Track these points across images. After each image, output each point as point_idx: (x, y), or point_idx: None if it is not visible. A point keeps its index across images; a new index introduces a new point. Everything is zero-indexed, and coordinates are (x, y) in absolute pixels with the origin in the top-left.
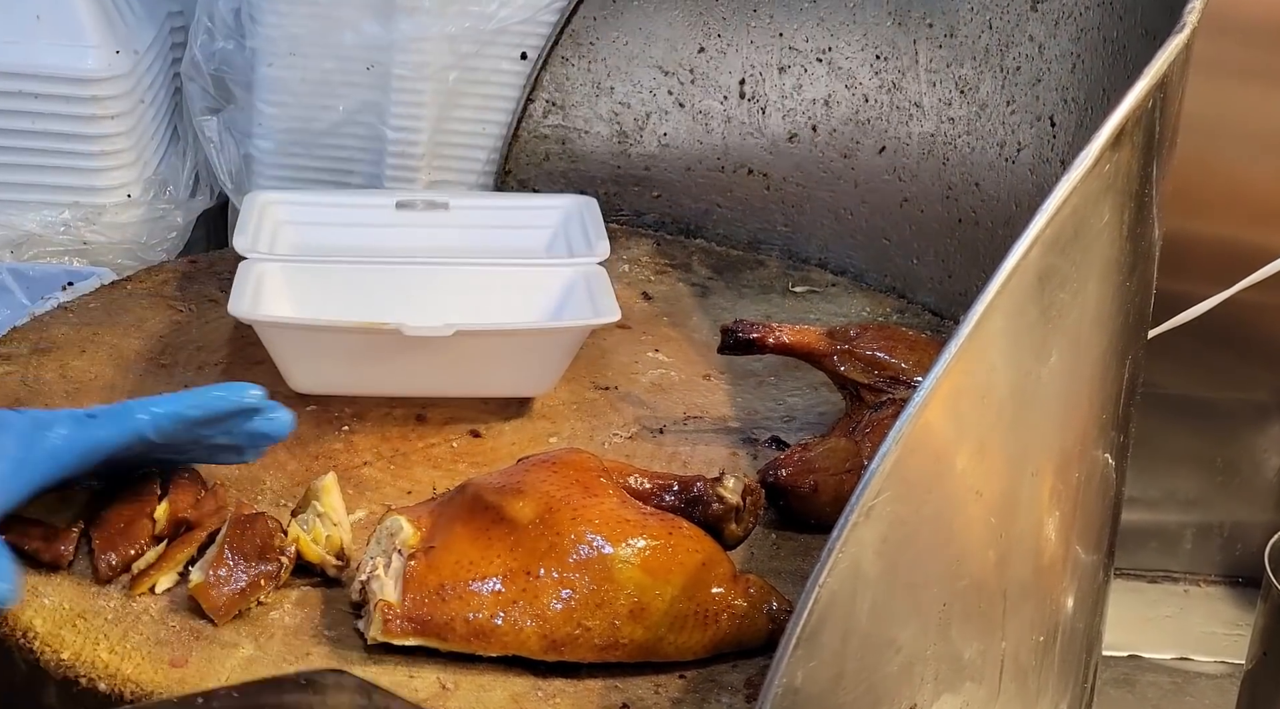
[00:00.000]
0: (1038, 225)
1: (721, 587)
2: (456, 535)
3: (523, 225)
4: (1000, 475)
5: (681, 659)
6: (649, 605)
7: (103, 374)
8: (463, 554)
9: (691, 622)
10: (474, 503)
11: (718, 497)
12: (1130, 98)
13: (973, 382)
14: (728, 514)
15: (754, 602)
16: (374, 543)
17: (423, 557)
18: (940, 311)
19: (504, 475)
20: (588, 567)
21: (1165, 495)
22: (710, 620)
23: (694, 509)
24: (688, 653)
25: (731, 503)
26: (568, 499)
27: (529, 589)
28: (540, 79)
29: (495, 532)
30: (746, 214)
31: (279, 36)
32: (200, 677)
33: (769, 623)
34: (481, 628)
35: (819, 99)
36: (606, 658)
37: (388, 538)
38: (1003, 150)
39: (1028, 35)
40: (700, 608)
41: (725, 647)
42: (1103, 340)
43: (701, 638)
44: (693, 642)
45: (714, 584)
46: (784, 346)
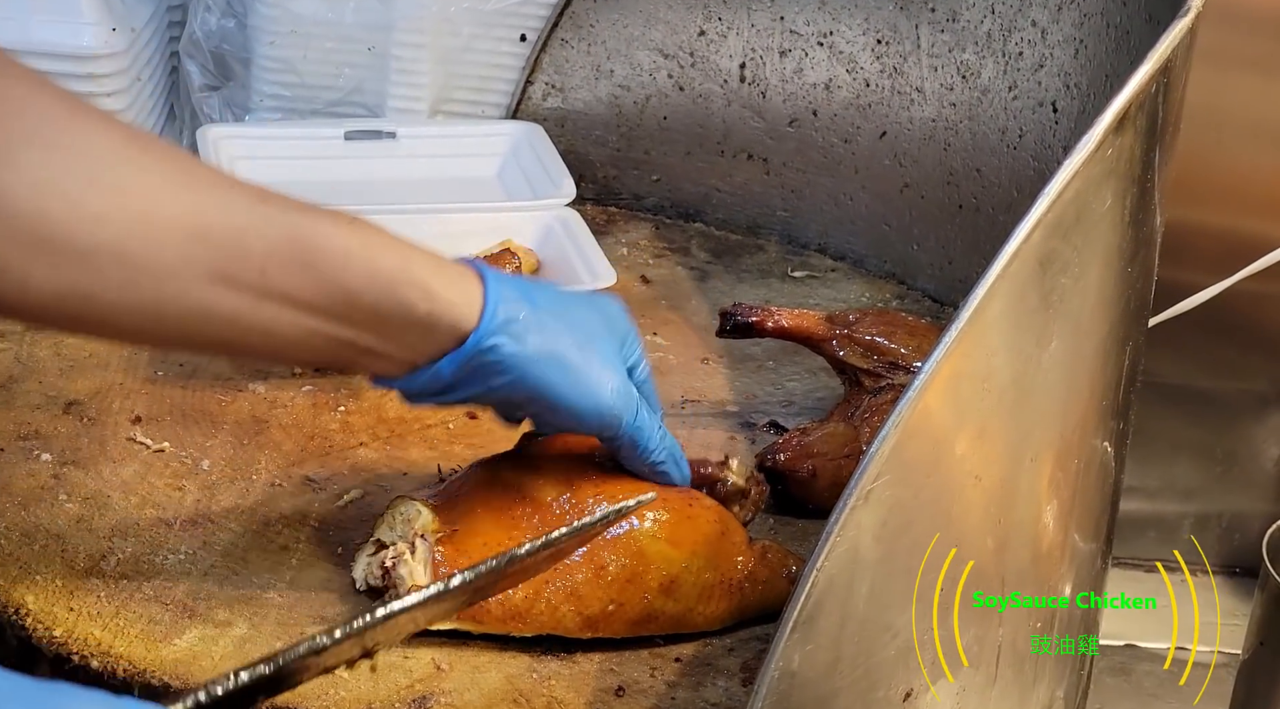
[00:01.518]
0: (1040, 209)
1: (742, 556)
2: (479, 518)
3: (471, 153)
4: (1000, 461)
5: (710, 629)
6: (678, 578)
7: (96, 352)
8: (489, 536)
9: (718, 592)
10: (492, 484)
11: (724, 478)
12: (1134, 82)
13: (973, 366)
14: (733, 496)
15: (773, 568)
16: (386, 528)
17: (448, 541)
18: (940, 298)
19: (517, 456)
20: (617, 543)
21: (1164, 484)
22: (735, 590)
23: (699, 490)
24: (715, 622)
25: (739, 485)
26: (587, 476)
27: (561, 569)
28: (540, 61)
29: (518, 512)
30: (746, 198)
31: (280, 15)
32: (193, 656)
33: (790, 585)
34: (517, 609)
35: (820, 83)
36: (639, 632)
37: (404, 523)
38: (1004, 136)
39: (1030, 20)
40: (725, 578)
41: (750, 613)
42: (1103, 327)
43: (729, 606)
44: (720, 611)
45: (735, 553)
46: (783, 331)
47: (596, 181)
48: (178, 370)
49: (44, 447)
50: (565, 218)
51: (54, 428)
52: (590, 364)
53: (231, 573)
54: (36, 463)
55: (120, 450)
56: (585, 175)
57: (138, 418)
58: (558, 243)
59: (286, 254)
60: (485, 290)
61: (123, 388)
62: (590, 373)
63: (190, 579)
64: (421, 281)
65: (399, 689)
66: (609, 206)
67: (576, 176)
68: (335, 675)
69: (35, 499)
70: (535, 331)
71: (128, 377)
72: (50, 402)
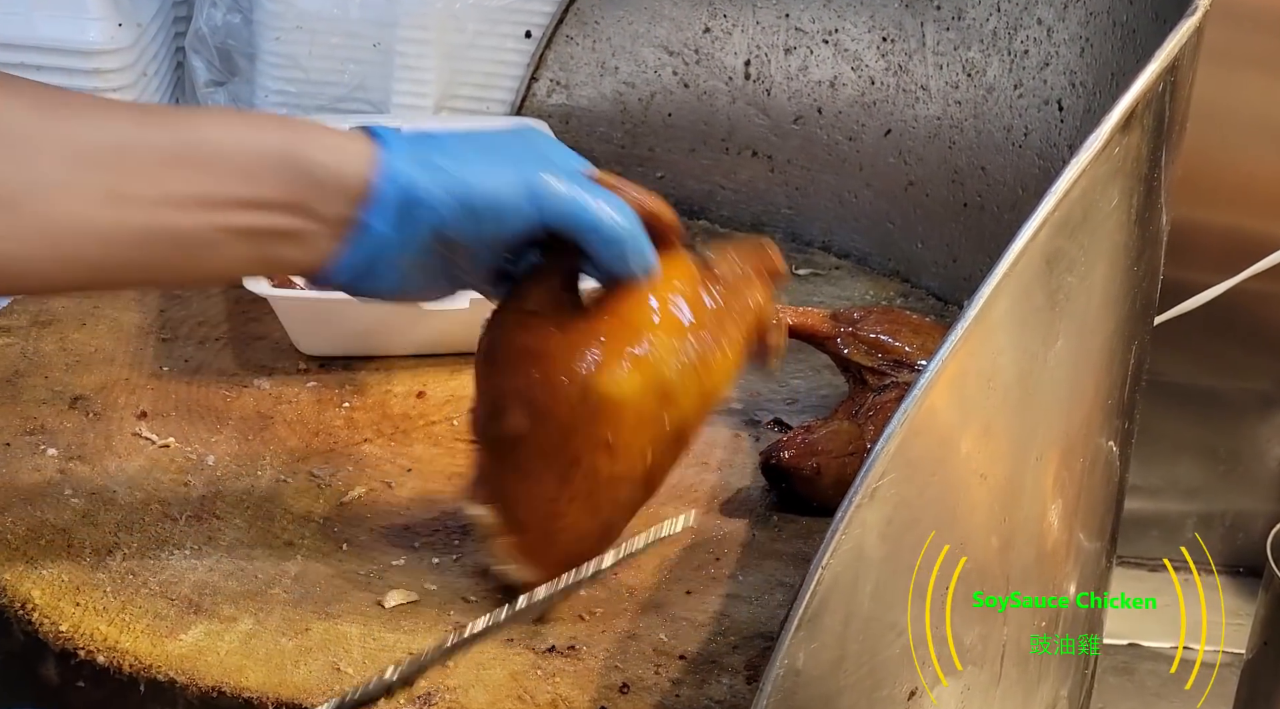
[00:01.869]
0: (1046, 207)
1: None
2: (501, 489)
3: None
4: (1005, 459)
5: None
6: (681, 406)
7: (103, 347)
8: (517, 498)
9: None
10: (482, 448)
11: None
12: (1141, 80)
13: (979, 364)
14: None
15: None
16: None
17: (502, 528)
18: (944, 296)
19: (477, 403)
20: (586, 413)
21: (1167, 484)
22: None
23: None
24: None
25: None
26: (536, 383)
27: (589, 473)
28: (544, 57)
29: (516, 458)
30: (750, 196)
31: (286, 10)
32: (199, 651)
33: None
34: (595, 531)
35: (825, 81)
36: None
37: (478, 530)
38: (1009, 134)
39: (1036, 18)
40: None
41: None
42: (1109, 325)
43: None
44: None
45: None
46: (787, 329)
47: None
48: (183, 366)
49: (50, 441)
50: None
51: (60, 423)
52: (509, 160)
53: (237, 569)
54: (42, 458)
55: (126, 445)
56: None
57: (143, 413)
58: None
59: (179, 159)
60: (377, 136)
61: (128, 383)
62: (510, 164)
63: (195, 574)
64: (316, 141)
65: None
66: None
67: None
68: (340, 672)
69: (41, 494)
70: (439, 152)
71: (133, 372)
72: (56, 396)
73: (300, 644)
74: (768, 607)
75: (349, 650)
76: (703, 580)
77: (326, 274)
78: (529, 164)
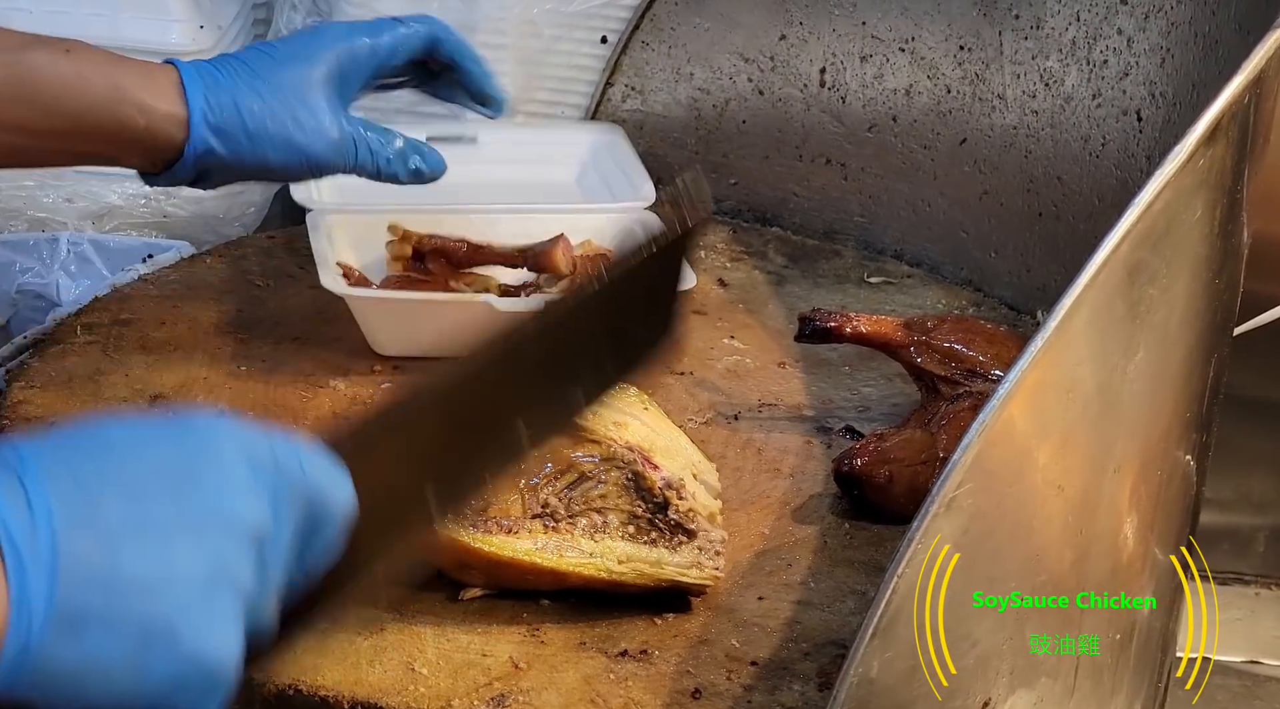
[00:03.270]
0: (1129, 219)
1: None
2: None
3: (550, 156)
4: (1082, 471)
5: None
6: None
7: (182, 346)
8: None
9: None
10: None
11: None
12: (1227, 93)
13: (1058, 375)
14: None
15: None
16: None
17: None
18: (1017, 306)
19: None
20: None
21: (1239, 497)
22: None
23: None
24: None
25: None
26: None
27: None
28: (620, 63)
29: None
30: (823, 203)
31: (365, 15)
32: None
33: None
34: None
35: (900, 89)
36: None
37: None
38: (1087, 144)
39: (1116, 29)
40: None
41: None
42: (1190, 338)
43: None
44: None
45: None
46: (861, 336)
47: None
48: (260, 365)
49: None
50: (645, 220)
51: None
52: (306, 117)
53: None
54: None
55: None
56: (663, 178)
57: (221, 413)
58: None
59: (7, 90)
60: (186, 98)
61: (207, 381)
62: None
63: None
64: (135, 99)
65: (477, 687)
66: None
67: (654, 179)
68: (415, 672)
69: None
70: (237, 114)
71: (212, 371)
72: (137, 394)
73: (375, 643)
74: (839, 614)
75: (423, 650)
76: (774, 586)
77: (152, 179)
78: (329, 112)
